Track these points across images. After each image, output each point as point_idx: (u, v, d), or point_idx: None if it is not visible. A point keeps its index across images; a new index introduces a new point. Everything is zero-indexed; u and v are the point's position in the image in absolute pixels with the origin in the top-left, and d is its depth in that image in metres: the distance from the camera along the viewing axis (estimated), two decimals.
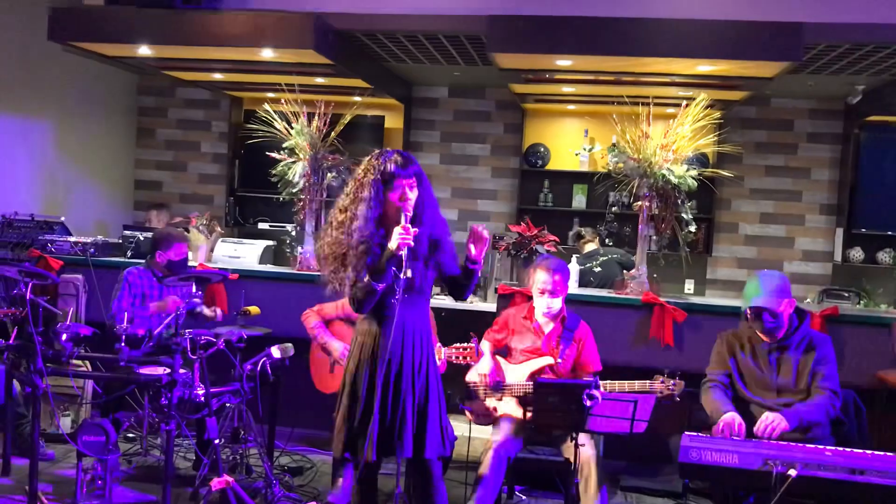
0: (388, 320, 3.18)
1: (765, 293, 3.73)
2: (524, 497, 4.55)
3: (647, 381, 4.00)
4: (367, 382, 3.21)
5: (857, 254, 7.33)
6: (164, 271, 4.91)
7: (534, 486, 4.63)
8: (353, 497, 3.37)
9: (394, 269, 3.11)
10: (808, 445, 3.25)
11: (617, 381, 4.03)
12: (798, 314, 3.84)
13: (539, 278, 4.26)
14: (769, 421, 3.53)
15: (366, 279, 3.11)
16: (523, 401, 4.10)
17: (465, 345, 4.15)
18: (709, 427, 3.69)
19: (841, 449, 3.20)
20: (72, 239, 5.76)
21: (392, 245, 3.09)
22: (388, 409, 3.17)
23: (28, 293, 4.10)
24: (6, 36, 6.34)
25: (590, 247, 6.59)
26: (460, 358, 4.13)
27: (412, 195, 3.17)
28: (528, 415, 3.66)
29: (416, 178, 3.19)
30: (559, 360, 4.22)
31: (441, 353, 4.10)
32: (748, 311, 3.78)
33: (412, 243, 3.09)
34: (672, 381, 3.97)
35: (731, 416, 3.62)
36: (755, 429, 3.55)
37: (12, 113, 6.55)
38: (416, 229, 3.12)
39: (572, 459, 3.60)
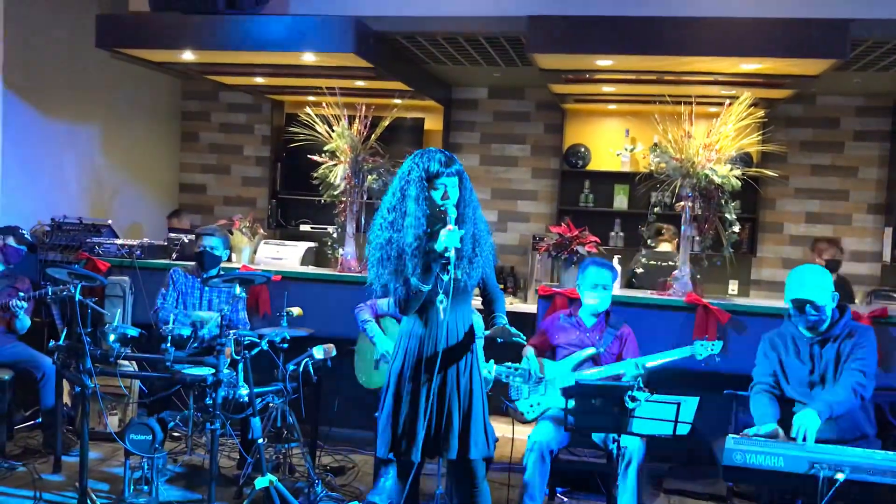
0: (432, 321, 3.20)
1: (808, 285, 3.70)
2: (566, 499, 4.53)
3: (688, 346, 4.07)
4: (412, 384, 3.22)
5: None
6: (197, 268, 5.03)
7: (575, 488, 4.61)
8: (394, 497, 3.38)
9: (438, 270, 3.11)
10: (856, 449, 3.19)
11: (653, 354, 4.12)
12: (839, 308, 3.81)
13: (591, 273, 4.33)
14: (799, 429, 3.45)
15: (413, 281, 3.11)
16: (566, 393, 4.12)
17: (517, 365, 4.19)
18: None
19: (891, 452, 3.14)
20: (118, 241, 5.87)
21: (439, 247, 3.08)
22: (433, 411, 3.18)
23: (77, 294, 4.19)
24: (55, 44, 6.48)
25: (664, 247, 6.45)
26: (509, 377, 4.17)
27: (455, 193, 3.17)
28: (571, 405, 3.66)
29: (458, 177, 3.18)
30: (601, 350, 4.27)
31: (492, 371, 4.12)
32: (791, 303, 3.73)
33: (459, 244, 3.08)
34: (711, 343, 3.99)
35: (771, 431, 3.57)
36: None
37: (61, 119, 6.69)
38: (462, 231, 3.11)
39: (614, 461, 3.58)
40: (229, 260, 5.81)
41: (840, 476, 3.00)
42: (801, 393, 3.77)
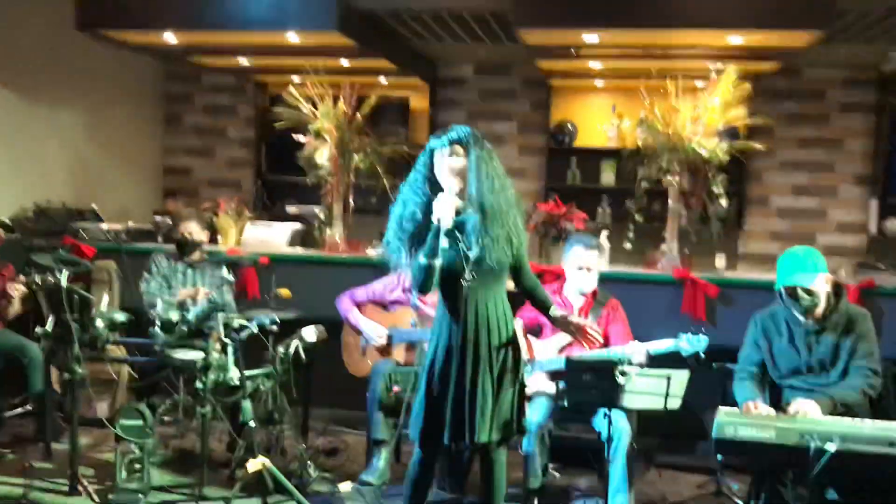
0: (459, 305, 3.12)
1: (797, 270, 3.61)
2: (557, 474, 4.55)
3: (672, 339, 3.97)
4: (442, 370, 3.16)
5: (892, 225, 7.19)
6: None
7: (567, 464, 4.63)
8: (411, 479, 3.35)
9: (462, 248, 3.06)
10: (845, 419, 3.21)
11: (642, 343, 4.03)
12: (835, 291, 3.70)
13: (576, 254, 4.24)
14: (797, 413, 3.41)
15: (420, 257, 3.07)
16: (554, 376, 4.11)
17: None
18: None
19: (880, 422, 3.16)
20: (104, 226, 5.83)
21: (434, 218, 3.04)
22: (464, 396, 3.12)
23: (63, 280, 4.16)
24: (34, 26, 6.39)
25: None
26: None
27: (450, 164, 3.10)
28: (560, 387, 3.66)
29: (461, 148, 3.10)
30: None
31: None
32: (783, 291, 3.65)
33: (451, 212, 3.02)
34: (697, 337, 3.93)
35: (750, 403, 3.53)
36: None
37: (42, 102, 6.61)
38: (457, 199, 3.06)
39: (605, 436, 3.59)
40: (215, 242, 5.77)
41: (830, 446, 3.01)
42: (791, 381, 3.70)
